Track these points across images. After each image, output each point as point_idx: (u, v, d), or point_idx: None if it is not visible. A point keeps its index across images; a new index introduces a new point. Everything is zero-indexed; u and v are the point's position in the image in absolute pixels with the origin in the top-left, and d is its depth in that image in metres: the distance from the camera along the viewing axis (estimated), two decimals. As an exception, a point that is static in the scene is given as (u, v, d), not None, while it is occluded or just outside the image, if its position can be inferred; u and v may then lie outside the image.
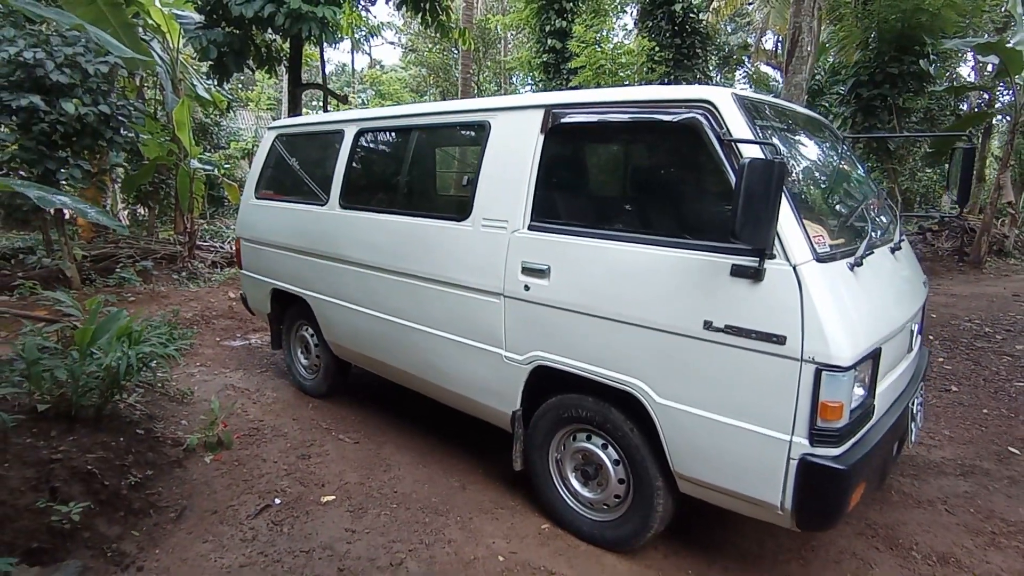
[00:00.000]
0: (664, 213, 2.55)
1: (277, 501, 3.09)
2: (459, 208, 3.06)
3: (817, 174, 2.77)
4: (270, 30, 6.24)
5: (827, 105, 10.93)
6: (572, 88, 10.23)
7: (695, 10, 10.60)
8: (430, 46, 22.39)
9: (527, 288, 2.71)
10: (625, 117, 2.51)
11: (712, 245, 2.20)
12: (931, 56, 8.32)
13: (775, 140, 2.44)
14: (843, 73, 8.92)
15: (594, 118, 2.61)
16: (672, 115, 2.34)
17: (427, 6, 7.71)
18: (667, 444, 2.37)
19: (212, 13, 6.19)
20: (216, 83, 8.01)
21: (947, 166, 3.34)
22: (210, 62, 6.49)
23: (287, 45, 7.60)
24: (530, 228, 2.73)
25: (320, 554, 2.69)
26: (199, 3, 6.39)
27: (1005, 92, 13.73)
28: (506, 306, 2.82)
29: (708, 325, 2.18)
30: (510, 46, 23.26)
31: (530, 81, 13.67)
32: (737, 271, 2.11)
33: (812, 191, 2.61)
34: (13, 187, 3.43)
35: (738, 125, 2.19)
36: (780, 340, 2.03)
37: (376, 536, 2.82)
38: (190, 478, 3.26)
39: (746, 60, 23.37)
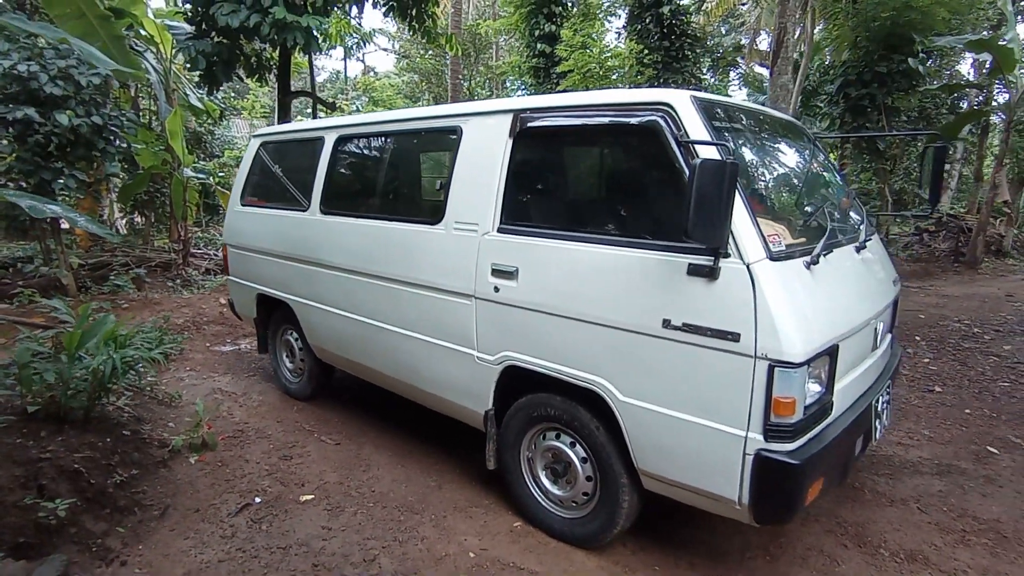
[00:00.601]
0: (625, 213, 2.60)
1: (257, 500, 3.15)
2: (433, 212, 3.12)
3: (780, 174, 2.82)
4: (257, 40, 6.32)
5: (820, 105, 10.97)
6: (561, 92, 10.31)
7: (684, 12, 10.64)
8: (422, 52, 22.51)
9: (496, 289, 2.76)
10: (589, 120, 2.56)
11: (670, 245, 2.24)
12: (921, 54, 8.33)
13: (738, 141, 2.49)
14: (831, 73, 8.95)
15: (559, 122, 2.66)
16: (633, 117, 2.39)
17: (413, 12, 7.79)
18: (630, 441, 2.41)
19: (201, 23, 6.27)
20: (207, 93, 8.10)
21: (922, 165, 3.37)
22: (200, 72, 6.59)
23: (276, 54, 7.69)
24: (499, 231, 2.78)
25: (296, 550, 2.75)
26: (188, 14, 6.47)
27: (1002, 90, 13.70)
28: (477, 307, 2.87)
29: (667, 323, 2.23)
30: (502, 51, 23.38)
31: (521, 85, 13.73)
32: (693, 270, 2.16)
33: (773, 191, 2.66)
34: (6, 197, 3.51)
35: (695, 126, 2.23)
36: (735, 337, 2.08)
37: (352, 534, 2.87)
38: (175, 478, 3.32)
39: (740, 61, 23.38)
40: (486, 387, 2.91)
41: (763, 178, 2.64)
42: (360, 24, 11.58)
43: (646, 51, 10.82)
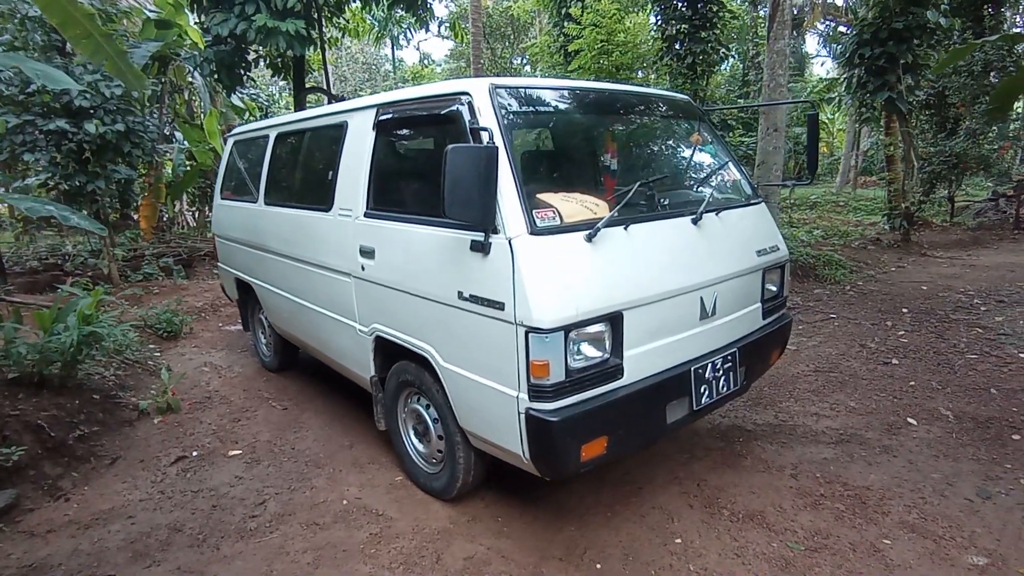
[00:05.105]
0: (436, 196, 2.82)
1: (194, 453, 3.66)
2: (326, 200, 3.46)
3: (606, 152, 2.94)
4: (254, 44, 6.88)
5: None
6: (573, 72, 10.24)
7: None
8: (466, 39, 22.87)
9: (363, 268, 3.09)
10: (418, 112, 2.83)
11: (462, 224, 2.46)
12: (944, 6, 7.68)
13: (551, 123, 2.66)
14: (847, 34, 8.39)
15: (400, 114, 2.93)
16: (444, 108, 2.62)
17: (419, 3, 8.12)
18: (453, 402, 2.68)
19: (207, 32, 6.93)
20: (227, 94, 8.82)
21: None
22: (214, 76, 7.27)
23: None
24: (365, 215, 3.09)
25: (205, 494, 3.22)
26: (201, 26, 7.13)
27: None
28: (354, 284, 3.21)
29: (460, 295, 2.47)
30: (545, 33, 23.42)
31: (550, 66, 13.72)
32: (474, 246, 2.39)
33: (589, 168, 2.80)
34: (5, 199, 4.19)
35: (487, 114, 2.44)
36: (500, 306, 2.30)
37: (256, 482, 3.32)
38: (135, 434, 3.89)
39: (818, 22, 22.09)
40: (367, 356, 3.25)
41: (575, 158, 2.79)
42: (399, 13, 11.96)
43: (672, 22, 10.55)
